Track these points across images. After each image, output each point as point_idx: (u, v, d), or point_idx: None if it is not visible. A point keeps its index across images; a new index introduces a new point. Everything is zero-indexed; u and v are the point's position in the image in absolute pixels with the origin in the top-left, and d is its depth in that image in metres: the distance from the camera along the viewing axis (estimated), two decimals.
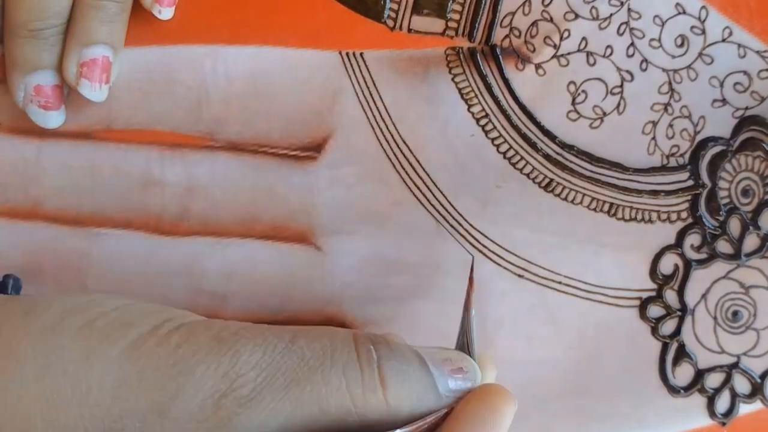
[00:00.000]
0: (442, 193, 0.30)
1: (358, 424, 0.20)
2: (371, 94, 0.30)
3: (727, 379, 0.30)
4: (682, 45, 0.30)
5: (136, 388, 0.19)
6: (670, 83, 0.30)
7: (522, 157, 0.30)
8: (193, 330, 0.21)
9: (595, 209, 0.30)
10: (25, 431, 0.19)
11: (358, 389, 0.20)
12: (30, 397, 0.19)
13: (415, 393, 0.21)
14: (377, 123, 0.30)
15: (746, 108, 0.30)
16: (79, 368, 0.20)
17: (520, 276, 0.30)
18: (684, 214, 0.30)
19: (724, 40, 0.30)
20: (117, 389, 0.19)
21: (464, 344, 0.25)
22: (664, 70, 0.30)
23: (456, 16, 0.30)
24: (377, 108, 0.30)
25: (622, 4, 0.30)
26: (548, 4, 0.30)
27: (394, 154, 0.30)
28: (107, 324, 0.21)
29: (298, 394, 0.20)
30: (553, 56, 0.30)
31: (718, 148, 0.30)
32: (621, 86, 0.30)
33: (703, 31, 0.30)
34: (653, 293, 0.30)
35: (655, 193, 0.30)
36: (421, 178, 0.30)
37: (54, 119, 0.29)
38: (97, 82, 0.28)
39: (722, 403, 0.30)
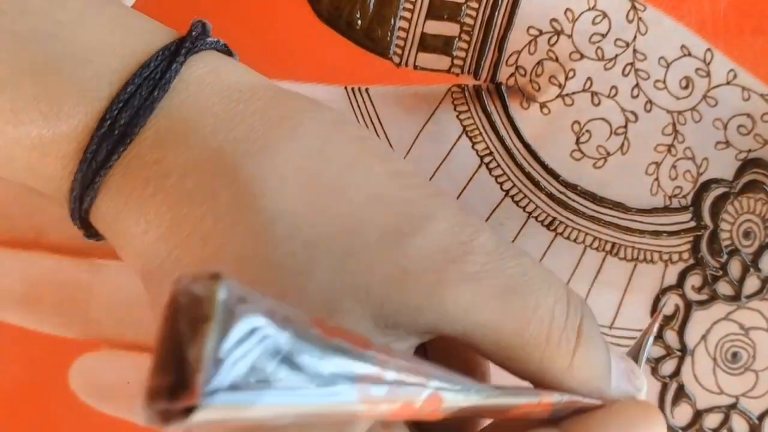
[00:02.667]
0: None
1: (537, 364, 0.20)
2: (376, 130, 0.30)
3: (726, 420, 0.30)
4: (686, 87, 0.30)
5: (386, 208, 0.19)
6: (674, 125, 0.30)
7: (525, 195, 0.30)
8: (444, 192, 0.21)
9: (597, 248, 0.30)
10: (277, 194, 0.19)
11: (558, 330, 0.20)
12: (295, 169, 0.19)
13: (594, 370, 0.21)
14: None
15: (749, 150, 0.30)
16: (344, 162, 0.19)
17: None
18: (685, 255, 0.30)
19: (728, 83, 0.30)
20: (369, 198, 0.19)
21: (635, 357, 0.24)
22: (668, 111, 0.30)
23: (462, 54, 0.30)
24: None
25: (627, 45, 0.30)
26: (554, 44, 0.30)
27: None
28: (376, 146, 0.21)
29: (509, 300, 0.19)
30: (558, 95, 0.30)
31: (720, 190, 0.30)
32: (625, 127, 0.30)
33: (708, 74, 0.30)
34: (654, 333, 0.30)
35: (657, 234, 0.30)
36: None
37: None
38: None
39: None
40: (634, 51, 0.30)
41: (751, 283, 0.30)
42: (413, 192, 0.20)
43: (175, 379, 0.12)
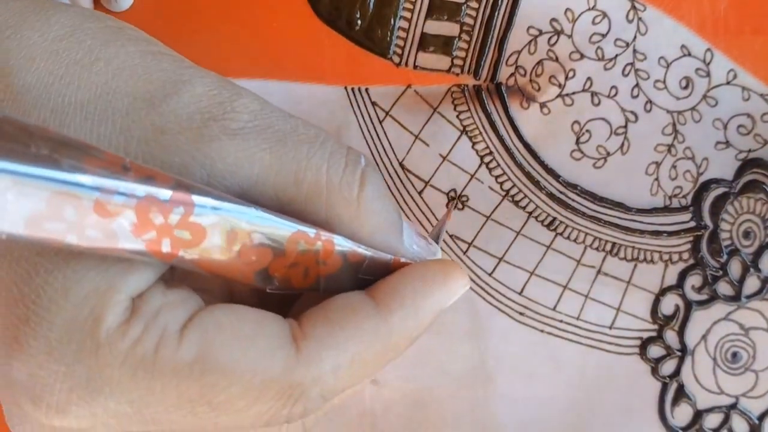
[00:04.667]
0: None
1: (324, 213, 0.20)
2: (376, 130, 0.30)
3: (726, 420, 0.30)
4: (686, 87, 0.30)
5: (139, 76, 0.20)
6: (674, 125, 0.30)
7: (525, 195, 0.30)
8: (206, 70, 0.21)
9: (597, 248, 0.30)
10: (24, 71, 0.19)
11: (336, 177, 0.20)
12: (44, 50, 0.20)
13: (383, 218, 0.21)
14: (381, 158, 0.30)
15: (749, 150, 0.30)
16: (96, 43, 0.20)
17: (521, 314, 0.30)
18: (685, 255, 0.30)
19: (728, 83, 0.30)
20: (120, 69, 0.20)
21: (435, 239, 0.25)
22: (668, 111, 0.30)
23: (462, 54, 0.30)
24: (381, 144, 0.30)
25: (627, 45, 0.30)
26: (554, 44, 0.30)
27: (398, 190, 0.30)
28: (134, 33, 0.21)
29: (280, 152, 0.19)
30: (558, 95, 0.30)
31: (720, 190, 0.30)
32: (625, 127, 0.30)
33: (708, 74, 0.30)
34: (654, 333, 0.30)
35: (657, 234, 0.30)
36: (424, 214, 0.30)
37: None
38: None
39: None
40: (634, 51, 0.30)
41: (751, 283, 0.30)
42: (169, 64, 0.20)
43: None
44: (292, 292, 0.21)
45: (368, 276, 0.21)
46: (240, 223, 0.18)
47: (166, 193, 0.17)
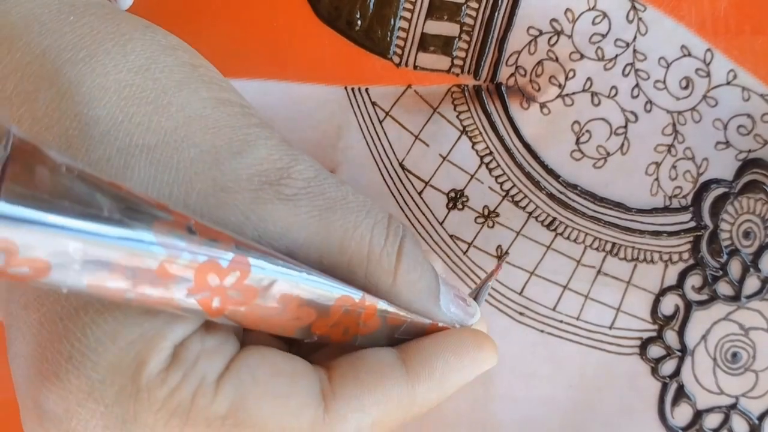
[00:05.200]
0: (445, 230, 0.30)
1: (363, 280, 0.21)
2: (376, 130, 0.30)
3: (726, 420, 0.30)
4: (686, 87, 0.30)
5: (208, 129, 0.20)
6: (674, 125, 0.30)
7: (525, 196, 0.30)
8: (269, 125, 0.21)
9: (597, 249, 0.30)
10: (96, 101, 0.19)
11: (378, 248, 0.21)
12: (118, 82, 0.19)
13: (419, 286, 0.22)
14: (381, 159, 0.30)
15: (749, 151, 0.30)
16: (170, 83, 0.20)
17: (521, 314, 0.30)
18: (685, 255, 0.30)
19: (728, 83, 0.30)
20: (191, 118, 0.20)
21: (475, 295, 0.26)
22: (668, 111, 0.30)
23: (462, 54, 0.30)
24: (381, 144, 0.30)
25: (627, 45, 0.30)
26: (554, 44, 0.30)
27: (398, 190, 0.30)
28: (208, 74, 0.21)
29: (329, 220, 0.20)
30: (558, 96, 0.30)
31: (720, 190, 0.30)
32: (625, 127, 0.30)
33: (708, 74, 0.30)
34: (654, 333, 0.30)
35: (657, 234, 0.30)
36: (424, 214, 0.30)
37: None
38: None
39: None
40: (634, 51, 0.30)
41: (751, 284, 0.30)
42: (238, 120, 0.21)
43: None
44: (327, 345, 0.22)
45: (404, 336, 0.22)
46: (290, 286, 0.19)
47: (226, 258, 0.17)
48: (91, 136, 0.19)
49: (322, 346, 0.22)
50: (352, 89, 0.30)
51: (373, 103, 0.30)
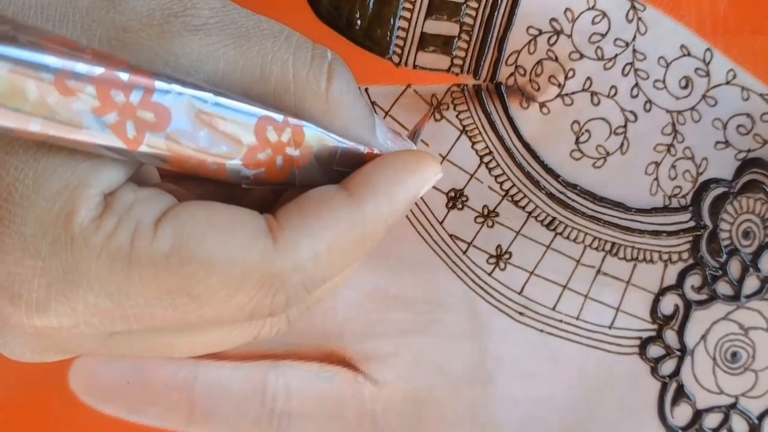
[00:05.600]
0: (444, 229, 0.30)
1: (293, 108, 0.20)
2: None
3: (725, 420, 0.30)
4: (686, 87, 0.30)
5: None
6: (673, 124, 0.30)
7: (525, 195, 0.30)
8: None
9: (596, 248, 0.30)
10: None
11: (304, 70, 0.20)
12: None
13: (354, 113, 0.21)
14: None
15: (749, 150, 0.30)
16: None
17: (521, 314, 0.30)
18: (685, 255, 0.30)
19: (728, 83, 0.30)
20: None
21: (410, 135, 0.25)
22: (667, 111, 0.30)
23: (461, 53, 0.30)
24: None
25: (627, 44, 0.30)
26: (553, 44, 0.30)
27: None
28: None
29: (245, 47, 0.19)
30: (558, 95, 0.30)
31: (720, 190, 0.30)
32: (625, 126, 0.30)
33: (708, 73, 0.30)
34: (653, 333, 0.30)
35: (656, 234, 0.30)
36: (423, 214, 0.30)
37: None
38: None
39: None
40: (634, 51, 0.30)
41: (751, 283, 0.30)
42: None
43: None
44: (267, 187, 0.21)
45: (343, 168, 0.21)
46: (204, 106, 0.18)
47: (124, 74, 0.17)
48: None
49: (269, 204, 0.22)
50: None
51: (373, 103, 0.30)
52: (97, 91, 0.17)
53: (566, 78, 0.30)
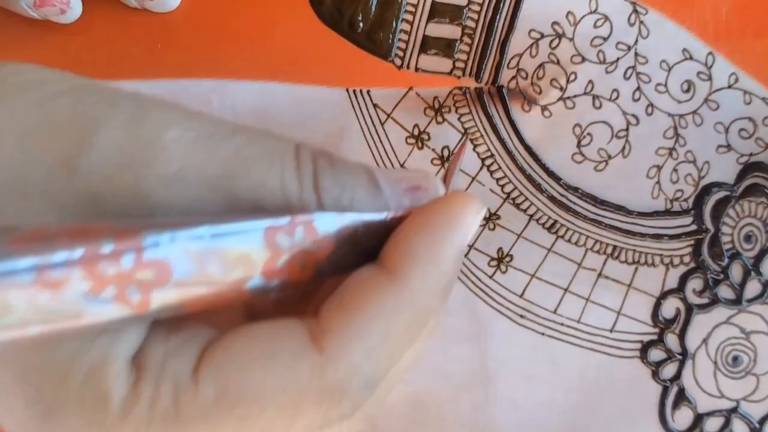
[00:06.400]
0: None
1: (295, 207, 0.18)
2: (377, 132, 0.31)
3: (726, 424, 0.30)
4: (688, 90, 0.30)
5: (45, 139, 0.17)
6: (675, 128, 0.30)
7: (526, 198, 0.30)
8: (116, 94, 0.18)
9: (598, 251, 0.30)
10: None
11: (295, 197, 0.18)
12: None
13: (356, 206, 0.19)
14: (383, 160, 0.31)
15: (751, 154, 0.30)
16: None
17: (522, 317, 0.30)
18: (686, 259, 0.30)
19: (730, 87, 0.30)
20: (23, 138, 0.17)
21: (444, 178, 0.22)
22: (669, 114, 0.30)
23: (463, 56, 0.30)
24: (383, 145, 0.31)
25: (629, 48, 0.30)
26: (555, 47, 0.30)
27: None
28: (21, 81, 0.18)
29: (232, 188, 0.18)
30: (560, 98, 0.30)
31: (721, 194, 0.30)
32: (626, 130, 0.30)
33: (710, 77, 0.30)
34: (654, 337, 0.30)
35: (658, 237, 0.30)
36: None
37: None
38: None
39: None
40: (636, 54, 0.30)
41: (752, 287, 0.30)
42: (69, 111, 0.18)
43: None
44: (297, 291, 0.19)
45: (372, 243, 0.19)
46: (203, 242, 0.17)
47: (108, 244, 0.16)
48: None
49: (309, 299, 0.20)
50: (354, 91, 0.30)
51: (375, 105, 0.30)
52: (85, 272, 0.16)
53: (568, 81, 0.30)
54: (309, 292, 0.20)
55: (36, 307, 0.15)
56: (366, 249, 0.19)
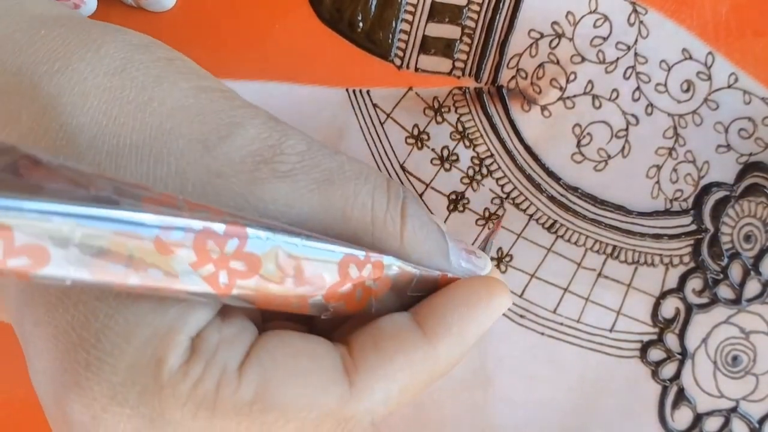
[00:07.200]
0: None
1: (371, 244, 0.21)
2: (377, 132, 0.31)
3: (726, 424, 0.30)
4: (687, 90, 0.30)
5: (193, 117, 0.20)
6: (675, 128, 0.30)
7: (526, 198, 0.30)
8: (253, 105, 0.21)
9: (598, 251, 0.30)
10: (78, 109, 0.19)
11: (381, 213, 0.21)
12: (96, 86, 0.19)
13: (427, 246, 0.21)
14: (382, 160, 0.31)
15: (750, 154, 0.30)
16: (148, 80, 0.20)
17: (521, 317, 0.30)
18: (686, 259, 0.30)
19: (729, 86, 0.30)
20: (175, 110, 0.20)
21: (483, 248, 0.26)
22: (669, 114, 0.30)
23: (463, 56, 0.30)
24: (383, 145, 0.31)
25: (628, 48, 0.30)
26: (555, 47, 0.30)
27: None
28: (185, 65, 0.21)
29: (329, 192, 0.20)
30: (559, 98, 0.30)
31: (721, 194, 0.30)
32: (626, 130, 0.30)
33: (709, 77, 0.30)
34: (654, 336, 0.30)
35: (657, 237, 0.30)
36: None
37: None
38: None
39: None
40: (636, 54, 0.30)
41: (752, 287, 0.30)
42: (221, 104, 0.20)
43: None
44: (344, 316, 0.21)
45: (416, 293, 0.22)
46: (292, 250, 0.19)
47: (220, 226, 0.17)
48: (79, 144, 0.19)
49: (341, 323, 0.22)
50: (354, 91, 0.30)
51: (375, 105, 0.30)
52: (194, 247, 0.17)
53: (568, 81, 0.30)
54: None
55: (144, 261, 0.17)
56: (407, 297, 0.21)
